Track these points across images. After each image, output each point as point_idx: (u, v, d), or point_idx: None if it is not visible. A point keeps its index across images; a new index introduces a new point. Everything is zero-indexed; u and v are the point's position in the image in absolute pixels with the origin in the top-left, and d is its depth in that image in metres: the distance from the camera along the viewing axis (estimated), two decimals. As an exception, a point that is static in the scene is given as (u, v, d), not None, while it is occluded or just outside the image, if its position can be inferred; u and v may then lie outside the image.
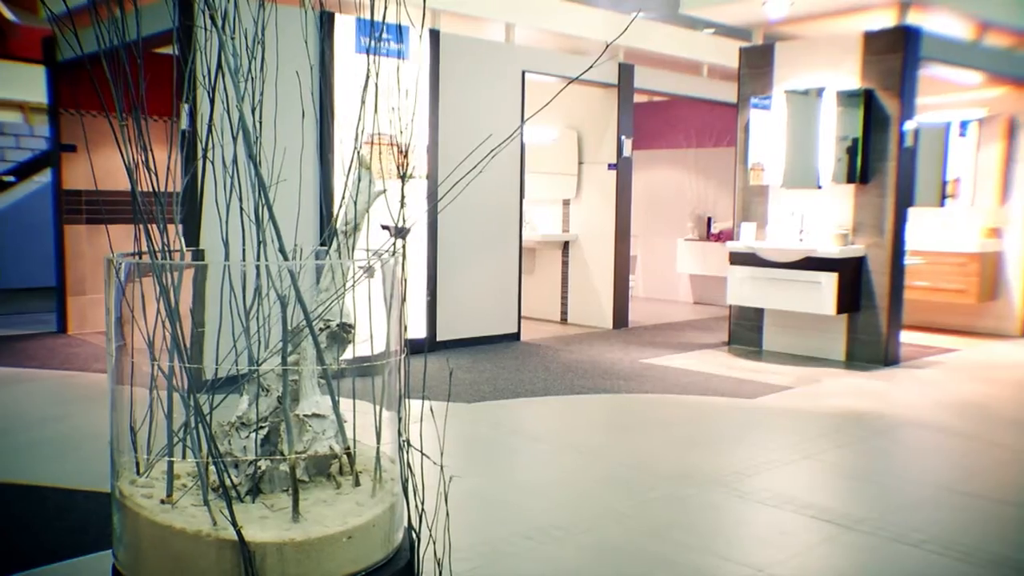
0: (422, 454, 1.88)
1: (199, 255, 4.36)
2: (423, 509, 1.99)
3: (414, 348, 6.72)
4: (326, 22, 5.90)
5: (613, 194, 8.18)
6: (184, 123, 2.73)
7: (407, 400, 1.96)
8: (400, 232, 1.77)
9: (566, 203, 8.68)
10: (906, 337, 7.67)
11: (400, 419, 1.83)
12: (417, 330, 6.74)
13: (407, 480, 1.87)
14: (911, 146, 6.50)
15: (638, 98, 9.20)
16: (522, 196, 7.58)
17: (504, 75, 7.18)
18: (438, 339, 6.90)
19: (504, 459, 4.28)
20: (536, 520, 3.36)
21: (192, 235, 5.16)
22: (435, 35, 6.65)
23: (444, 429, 2.08)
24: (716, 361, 6.74)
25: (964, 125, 8.33)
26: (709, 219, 9.90)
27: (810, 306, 6.56)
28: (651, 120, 10.70)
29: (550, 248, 8.75)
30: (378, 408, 1.77)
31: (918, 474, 4.18)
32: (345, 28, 6.05)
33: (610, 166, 8.20)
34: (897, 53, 6.31)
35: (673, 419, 5.09)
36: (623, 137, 8.13)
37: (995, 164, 8.02)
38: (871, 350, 6.61)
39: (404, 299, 1.78)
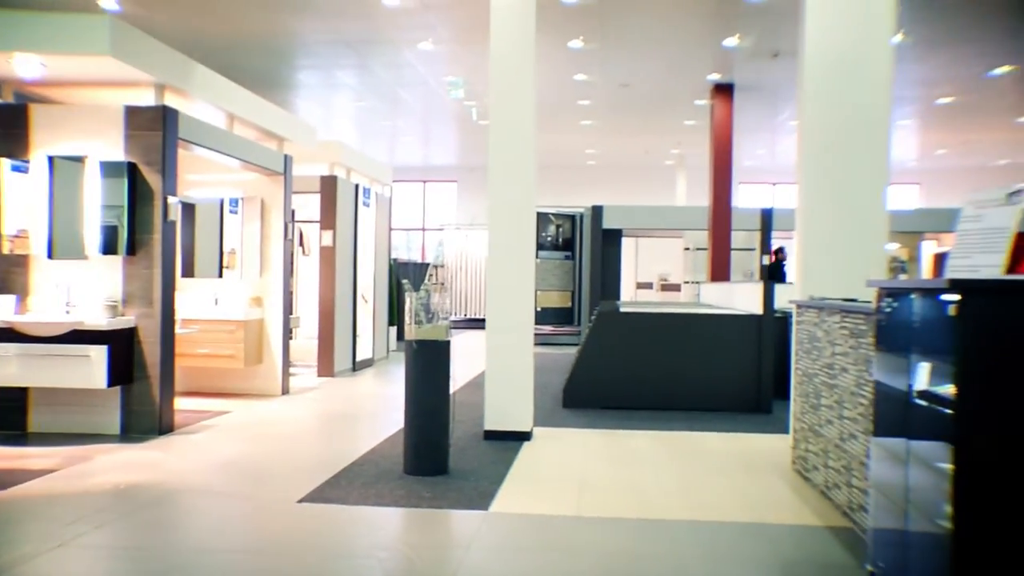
0: None
1: None
2: None
3: None
4: None
5: None
6: None
7: None
8: None
9: None
10: (185, 403, 7.89)
11: None
12: None
13: None
14: (175, 220, 6.77)
15: None
16: None
17: None
18: None
19: None
20: None
21: None
22: None
23: None
24: (-31, 451, 5.97)
25: (233, 203, 9.03)
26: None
27: (81, 380, 6.28)
28: None
29: None
30: None
31: (177, 539, 4.29)
32: None
33: None
34: (157, 131, 6.53)
35: (-99, 528, 4.32)
36: None
37: (257, 240, 8.86)
38: (146, 420, 6.61)
39: None
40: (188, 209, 8.99)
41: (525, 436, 6.66)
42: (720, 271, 13.68)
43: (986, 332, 2.60)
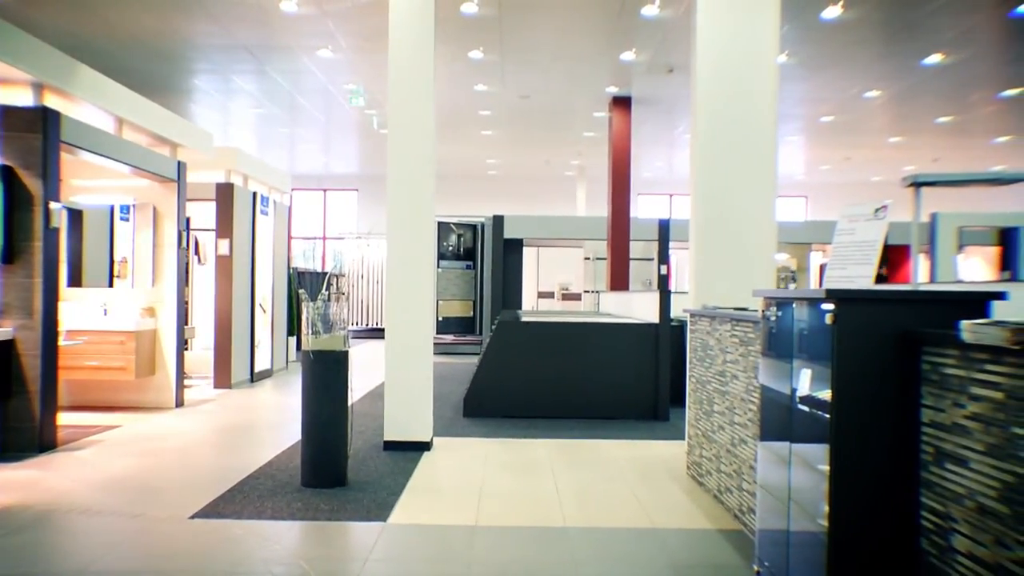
0: None
1: None
2: None
3: None
4: None
5: None
6: None
7: None
8: None
9: None
10: (69, 418, 7.56)
11: None
12: None
13: None
14: (58, 227, 6.48)
15: None
16: None
17: None
18: None
19: None
20: None
21: None
22: None
23: None
24: None
25: (125, 210, 8.70)
26: None
27: (-48, 397, 5.94)
28: None
29: None
30: None
31: (53, 564, 4.09)
32: None
33: None
34: (37, 133, 6.25)
35: None
36: None
37: (149, 248, 8.56)
38: (25, 437, 6.29)
39: None
40: (75, 216, 8.63)
41: (425, 446, 6.64)
42: (619, 280, 13.95)
43: (860, 339, 2.74)
